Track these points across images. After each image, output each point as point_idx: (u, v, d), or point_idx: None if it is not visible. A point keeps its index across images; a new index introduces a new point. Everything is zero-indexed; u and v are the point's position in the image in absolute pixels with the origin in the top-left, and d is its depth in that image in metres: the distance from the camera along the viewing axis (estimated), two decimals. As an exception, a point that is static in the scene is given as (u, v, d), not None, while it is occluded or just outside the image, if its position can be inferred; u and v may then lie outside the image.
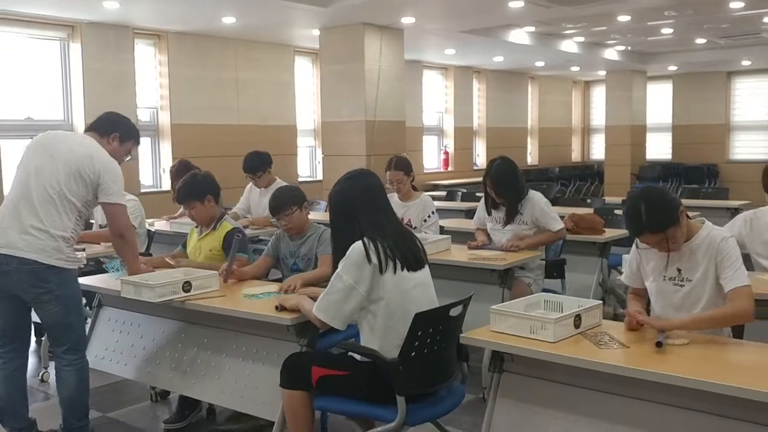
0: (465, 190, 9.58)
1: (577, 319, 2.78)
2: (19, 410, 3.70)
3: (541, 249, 4.84)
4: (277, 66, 10.89)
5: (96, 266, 5.25)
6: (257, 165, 6.30)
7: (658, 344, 2.55)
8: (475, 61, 13.83)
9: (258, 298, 3.50)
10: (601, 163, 16.41)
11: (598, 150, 17.88)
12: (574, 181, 16.64)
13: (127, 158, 3.97)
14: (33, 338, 4.19)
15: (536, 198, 4.79)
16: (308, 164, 11.62)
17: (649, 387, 2.42)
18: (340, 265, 2.92)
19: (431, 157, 13.90)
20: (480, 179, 12.78)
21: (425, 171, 13.47)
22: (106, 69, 8.94)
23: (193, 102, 9.93)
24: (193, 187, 4.29)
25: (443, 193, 9.88)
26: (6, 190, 7.69)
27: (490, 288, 4.48)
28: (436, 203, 9.09)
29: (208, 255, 4.25)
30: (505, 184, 4.74)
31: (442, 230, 5.62)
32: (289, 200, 4.03)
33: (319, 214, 6.98)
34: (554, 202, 9.07)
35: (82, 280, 4.11)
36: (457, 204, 8.64)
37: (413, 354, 2.81)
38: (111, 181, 3.61)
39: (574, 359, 2.52)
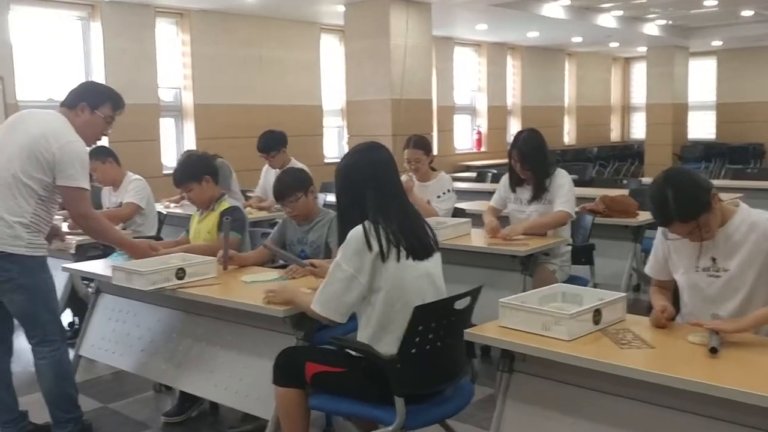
0: (495, 171, 9.22)
1: (597, 315, 2.47)
2: (7, 401, 3.51)
3: (566, 232, 4.50)
4: (302, 44, 10.62)
5: (105, 251, 5.08)
6: (271, 144, 6.07)
7: (713, 350, 2.19)
8: (509, 38, 13.39)
9: (258, 284, 3.26)
10: (642, 142, 15.88)
11: (638, 129, 17.32)
12: (612, 161, 16.12)
13: (110, 128, 3.63)
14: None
15: (562, 175, 4.45)
16: (335, 145, 11.36)
17: (676, 394, 2.10)
18: (339, 253, 2.66)
19: (463, 138, 13.53)
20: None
21: (457, 152, 13.12)
22: (128, 48, 8.77)
23: (216, 82, 9.72)
24: (190, 167, 4.06)
25: (473, 175, 9.55)
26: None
27: (511, 275, 4.19)
28: (464, 185, 8.84)
29: (207, 238, 4.01)
30: (532, 157, 4.39)
31: (463, 213, 5.30)
32: (294, 185, 3.76)
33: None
34: (589, 182, 8.72)
35: (80, 264, 3.95)
36: (486, 185, 8.31)
37: (413, 351, 2.54)
38: (68, 162, 3.26)
39: (591, 361, 2.22)
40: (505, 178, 4.68)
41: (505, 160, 12.53)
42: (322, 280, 2.97)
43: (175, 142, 9.75)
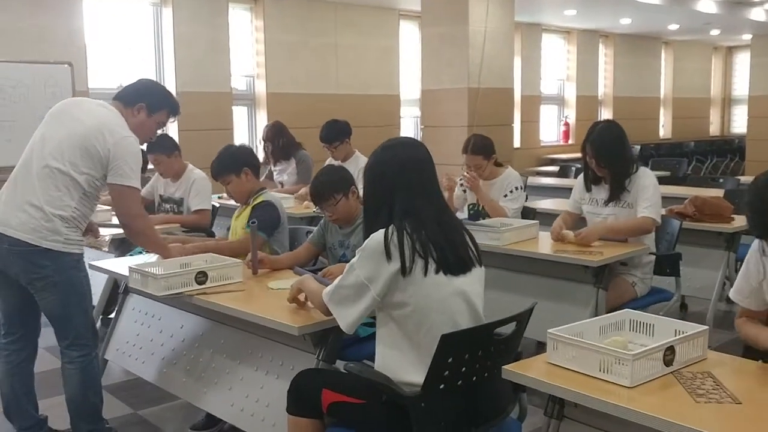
0: (579, 166, 8.59)
1: (669, 353, 1.98)
2: (25, 407, 3.30)
3: (649, 239, 3.95)
4: (379, 31, 10.22)
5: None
6: (333, 135, 5.73)
7: None
8: (601, 24, 12.62)
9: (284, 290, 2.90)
10: (743, 137, 14.76)
11: (739, 123, 16.16)
12: (711, 157, 15.09)
13: (163, 131, 3.49)
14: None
15: (646, 174, 3.89)
16: (413, 136, 10.94)
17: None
18: (357, 254, 2.27)
19: (550, 129, 12.87)
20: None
21: (542, 144, 12.48)
22: (200, 35, 8.58)
23: (290, 70, 9.45)
24: (229, 159, 3.74)
25: (555, 169, 8.95)
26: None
27: (581, 288, 3.69)
28: (545, 180, 8.26)
29: (243, 235, 3.68)
30: (608, 152, 3.85)
31: (533, 213, 4.80)
32: (332, 187, 3.36)
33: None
34: (683, 180, 8.00)
35: (106, 262, 3.69)
36: (568, 181, 7.72)
37: (442, 386, 2.11)
38: (123, 159, 3.07)
39: (655, 419, 1.73)
40: (579, 178, 4.16)
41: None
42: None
43: (247, 131, 9.56)
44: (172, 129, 8.45)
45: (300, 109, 9.33)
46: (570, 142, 12.86)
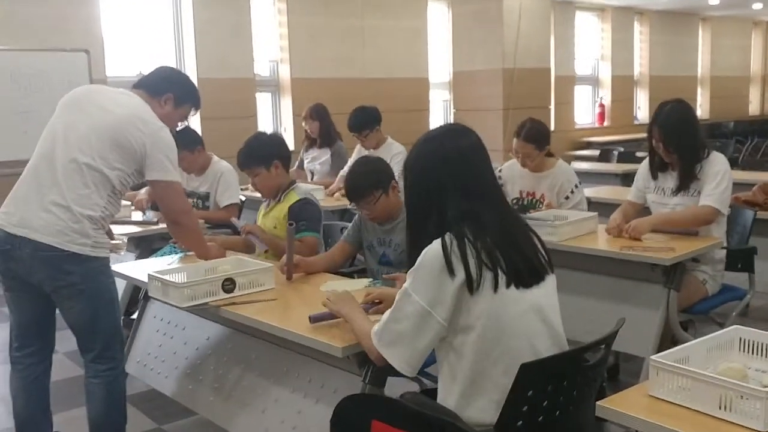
0: (622, 149, 8.16)
1: (808, 387, 1.60)
2: (43, 425, 3.00)
3: (720, 231, 3.55)
4: (407, 12, 9.78)
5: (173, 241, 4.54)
6: (362, 123, 5.36)
7: None
8: (636, 1, 12.10)
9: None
10: (788, 116, 14.21)
11: (782, 101, 15.56)
12: (751, 137, 14.46)
13: (182, 125, 3.21)
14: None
15: (718, 160, 3.49)
16: (442, 121, 10.53)
17: None
18: (409, 277, 1.90)
19: (584, 111, 12.38)
20: (642, 135, 11.14)
21: (576, 127, 12.00)
22: (221, 19, 8.24)
23: (315, 54, 9.07)
24: (259, 149, 3.40)
25: (595, 153, 8.50)
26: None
27: (649, 288, 3.31)
28: (585, 165, 7.83)
29: (273, 234, 3.35)
30: (677, 135, 3.46)
31: (589, 204, 4.40)
32: (370, 183, 3.01)
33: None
34: (734, 163, 7.53)
35: (123, 266, 3.37)
36: (610, 167, 7.29)
37: (519, 423, 1.75)
38: (162, 153, 2.79)
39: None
40: (644, 164, 3.76)
41: (631, 136, 11.37)
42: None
43: (272, 118, 9.22)
44: (193, 117, 8.15)
45: (326, 94, 8.89)
46: (605, 124, 12.38)
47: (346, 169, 5.63)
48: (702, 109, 14.70)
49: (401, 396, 1.92)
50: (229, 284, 2.70)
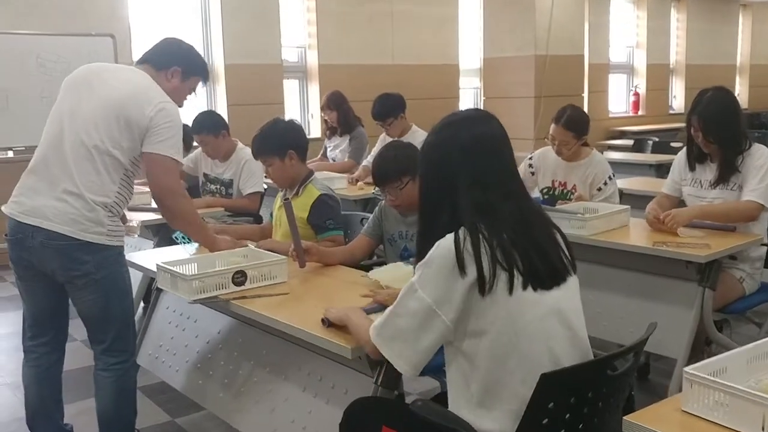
0: (657, 139, 7.91)
1: None
2: (53, 416, 2.93)
3: (761, 227, 3.36)
4: (438, -3, 9.61)
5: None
6: (387, 110, 5.24)
7: None
8: (674, -13, 11.78)
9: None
10: (832, 106, 13.75)
11: (825, 91, 15.05)
12: (789, 128, 14.09)
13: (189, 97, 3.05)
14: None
15: (761, 153, 3.30)
16: (478, 107, 10.34)
17: None
18: (416, 272, 1.77)
19: (618, 100, 12.08)
20: (677, 125, 10.88)
21: (611, 115, 11.71)
22: (248, 4, 8.11)
23: (343, 40, 8.91)
24: (274, 138, 3.27)
25: (629, 143, 8.26)
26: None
27: (683, 286, 3.15)
28: (618, 155, 7.60)
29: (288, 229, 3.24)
30: (718, 124, 3.28)
31: (621, 196, 4.22)
32: (400, 167, 2.88)
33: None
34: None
35: (136, 255, 3.28)
36: (645, 157, 7.07)
37: (539, 437, 1.62)
38: (164, 127, 2.67)
39: None
40: (681, 155, 3.58)
41: (666, 125, 11.06)
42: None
43: (299, 105, 9.11)
44: (219, 104, 8.08)
45: (354, 81, 8.79)
46: (640, 113, 12.08)
47: (369, 158, 5.53)
48: (741, 99, 14.24)
49: (413, 403, 1.78)
50: (239, 277, 2.59)
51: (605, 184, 3.98)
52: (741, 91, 14.32)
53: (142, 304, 4.43)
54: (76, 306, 2.75)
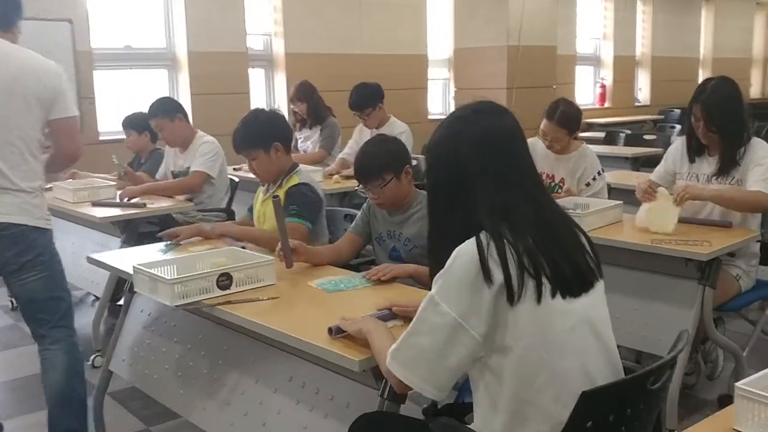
0: (629, 131, 7.87)
1: None
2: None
3: (756, 223, 3.29)
4: (406, -16, 9.43)
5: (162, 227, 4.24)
6: (364, 100, 5.07)
7: None
8: (640, -21, 11.79)
9: (334, 290, 2.38)
10: (789, 99, 13.96)
11: (784, 84, 15.31)
12: (752, 120, 14.17)
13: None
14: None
15: (762, 147, 3.24)
16: (441, 100, 10.20)
17: None
18: (435, 284, 1.61)
19: (585, 91, 12.07)
20: (644, 117, 10.90)
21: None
22: (212, -11, 7.87)
23: (310, 28, 8.69)
24: (258, 130, 3.08)
25: (600, 135, 8.20)
26: (101, 127, 6.87)
27: (682, 284, 3.05)
28: (594, 148, 7.55)
29: (273, 224, 3.05)
30: (723, 114, 3.20)
31: (610, 192, 4.12)
32: (382, 164, 2.73)
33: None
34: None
35: (107, 255, 3.10)
36: (618, 149, 7.01)
37: (576, 459, 1.48)
38: (64, 90, 2.75)
39: None
40: (677, 144, 3.49)
41: (632, 118, 11.09)
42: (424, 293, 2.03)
43: (265, 95, 8.86)
44: (182, 93, 7.80)
45: (321, 71, 8.57)
46: (606, 105, 12.09)
47: (348, 150, 5.37)
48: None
49: (431, 424, 1.63)
50: (224, 280, 2.41)
51: (594, 179, 3.88)
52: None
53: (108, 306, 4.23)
54: (27, 291, 2.79)
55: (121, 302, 4.64)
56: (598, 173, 3.90)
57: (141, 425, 3.31)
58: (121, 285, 4.19)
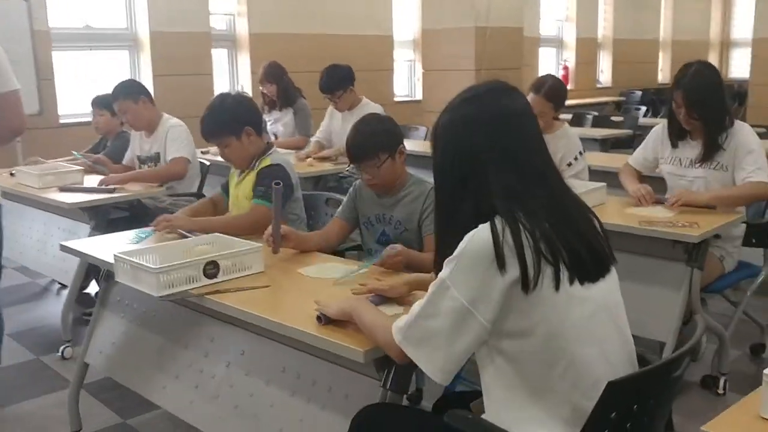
0: (596, 113, 7.90)
1: None
2: None
3: (741, 207, 3.30)
4: (371, -37, 9.30)
5: (133, 215, 4.10)
6: (335, 83, 4.97)
7: None
8: (603, -41, 11.83)
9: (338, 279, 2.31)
10: (744, 82, 14.12)
11: (739, 67, 15.51)
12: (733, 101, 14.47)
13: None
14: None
15: (745, 130, 3.22)
16: (406, 82, 10.11)
17: None
18: (446, 267, 1.54)
19: (548, 73, 12.09)
20: (606, 99, 10.96)
21: (541, 90, 11.71)
22: (174, -33, 7.64)
23: (274, 7, 8.52)
24: (226, 116, 2.96)
25: (567, 117, 8.20)
26: (61, 110, 6.65)
27: (670, 267, 3.03)
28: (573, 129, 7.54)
29: (246, 207, 2.96)
30: (703, 99, 3.17)
31: (591, 173, 4.10)
32: (376, 143, 2.63)
33: (418, 143, 5.58)
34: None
35: (82, 243, 2.97)
36: (588, 131, 7.04)
37: (599, 450, 1.43)
38: (5, 60, 2.68)
39: None
40: (658, 129, 3.47)
41: (595, 100, 11.14)
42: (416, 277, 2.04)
43: (228, 76, 8.68)
44: (144, 74, 7.58)
45: (286, 51, 8.39)
46: (569, 87, 12.11)
47: (320, 134, 5.29)
48: (662, 74, 14.60)
49: (446, 416, 1.56)
50: (212, 268, 2.32)
51: (576, 159, 3.85)
52: (663, 67, 14.68)
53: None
54: None
55: (88, 290, 4.56)
56: (579, 153, 3.87)
57: (117, 418, 3.20)
58: (88, 273, 4.07)
